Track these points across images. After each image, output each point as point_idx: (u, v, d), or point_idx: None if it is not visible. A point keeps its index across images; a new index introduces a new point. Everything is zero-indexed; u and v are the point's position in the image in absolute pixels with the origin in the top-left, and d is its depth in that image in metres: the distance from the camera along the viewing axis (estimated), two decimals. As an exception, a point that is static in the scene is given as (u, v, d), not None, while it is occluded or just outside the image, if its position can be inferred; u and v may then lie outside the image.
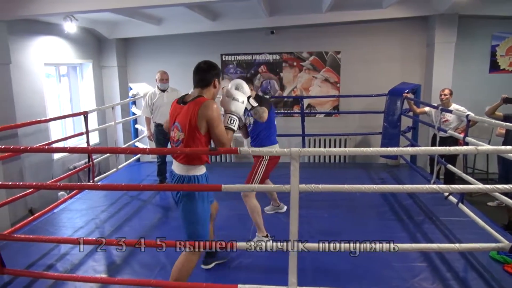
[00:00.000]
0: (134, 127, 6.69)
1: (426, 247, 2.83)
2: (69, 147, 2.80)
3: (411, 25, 6.91)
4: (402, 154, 5.78)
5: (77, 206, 4.50)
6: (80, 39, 6.79)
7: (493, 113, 4.91)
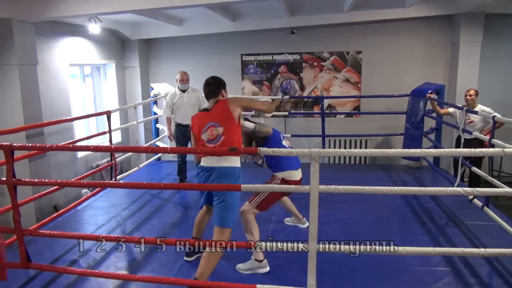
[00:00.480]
0: (155, 127, 6.78)
1: (450, 251, 2.76)
2: (92, 145, 2.86)
3: (434, 24, 6.76)
4: (425, 156, 5.66)
5: (100, 203, 4.59)
6: (104, 40, 6.93)
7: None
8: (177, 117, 5.10)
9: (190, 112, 5.05)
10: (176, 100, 5.06)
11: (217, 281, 2.55)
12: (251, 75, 7.49)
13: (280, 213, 4.15)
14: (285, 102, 7.36)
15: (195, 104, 5.13)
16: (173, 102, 5.08)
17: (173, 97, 5.09)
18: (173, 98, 5.08)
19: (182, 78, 5.05)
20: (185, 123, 5.04)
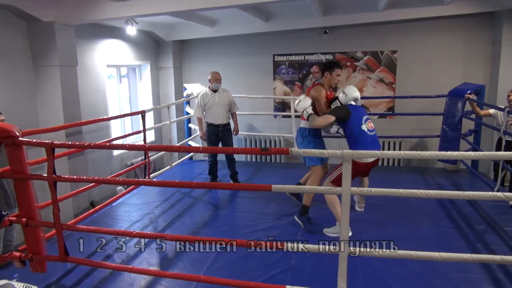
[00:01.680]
0: (188, 126, 6.89)
1: (488, 259, 2.64)
2: (128, 144, 2.95)
3: (474, 22, 6.50)
4: (463, 159, 5.45)
5: (134, 200, 4.72)
6: (140, 42, 7.12)
7: None
8: (208, 117, 5.12)
9: (222, 112, 5.10)
10: (208, 100, 5.07)
11: (247, 281, 2.57)
12: (283, 75, 7.47)
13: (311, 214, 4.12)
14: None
15: (226, 104, 5.14)
16: (205, 102, 5.09)
17: (204, 97, 5.11)
18: (205, 98, 5.10)
19: (217, 78, 5.05)
20: (217, 122, 5.08)
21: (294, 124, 6.34)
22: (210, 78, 5.07)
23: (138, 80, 7.56)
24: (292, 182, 4.31)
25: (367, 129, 3.49)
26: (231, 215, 4.31)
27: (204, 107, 5.11)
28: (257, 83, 7.53)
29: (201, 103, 5.11)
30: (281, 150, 3.21)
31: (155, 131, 7.59)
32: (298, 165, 6.85)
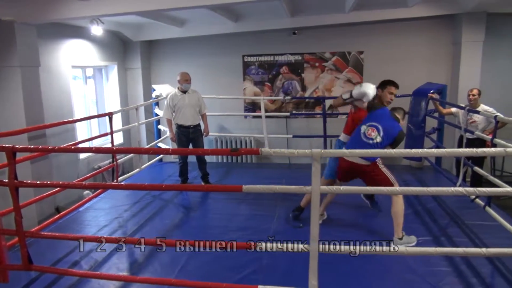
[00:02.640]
0: (157, 128, 6.80)
1: (451, 251, 2.75)
2: (94, 147, 2.87)
3: (436, 24, 6.75)
4: (427, 156, 5.65)
5: (101, 205, 4.60)
6: (106, 42, 6.95)
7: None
8: (178, 119, 5.06)
9: (192, 113, 5.05)
10: (177, 102, 5.01)
11: (219, 282, 2.56)
12: (252, 76, 7.49)
13: (282, 213, 4.15)
14: (286, 103, 7.37)
15: (196, 105, 5.10)
16: (174, 103, 5.02)
17: (174, 98, 5.03)
18: (174, 99, 5.02)
19: (186, 78, 4.98)
20: (187, 124, 5.03)
21: (264, 124, 6.37)
22: (180, 78, 5.00)
23: (105, 81, 7.38)
24: (263, 182, 4.33)
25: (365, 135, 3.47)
26: (202, 216, 4.29)
27: (174, 108, 5.04)
28: (227, 84, 7.51)
29: (170, 105, 5.03)
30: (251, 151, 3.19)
31: (123, 133, 7.44)
32: (269, 165, 6.91)
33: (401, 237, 3.37)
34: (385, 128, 3.43)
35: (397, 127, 3.47)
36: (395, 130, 3.44)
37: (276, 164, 6.87)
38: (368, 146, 3.45)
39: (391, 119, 3.52)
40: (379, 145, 3.42)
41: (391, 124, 3.47)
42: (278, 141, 7.07)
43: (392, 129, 3.44)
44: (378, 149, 3.38)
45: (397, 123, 3.52)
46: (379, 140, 3.42)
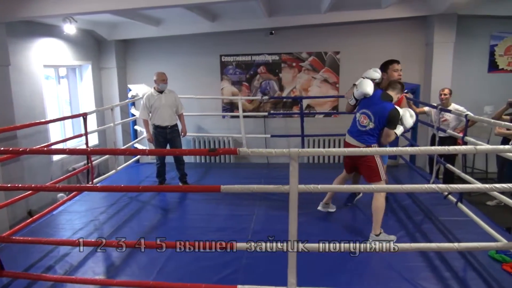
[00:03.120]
0: (133, 128, 6.70)
1: (425, 247, 2.83)
2: (68, 148, 2.81)
3: (410, 25, 6.91)
4: (401, 154, 5.78)
5: (76, 207, 4.50)
6: (79, 41, 6.79)
7: (500, 117, 4.94)
8: (155, 119, 5.00)
9: (169, 113, 5.01)
10: (154, 102, 4.94)
11: (198, 283, 2.54)
12: (230, 75, 7.48)
13: (261, 213, 4.17)
14: (264, 102, 7.39)
15: (173, 105, 5.06)
16: (151, 103, 4.95)
17: (150, 99, 4.96)
18: (150, 100, 4.95)
19: (163, 78, 4.92)
20: (164, 124, 4.99)
21: (242, 124, 6.37)
22: (156, 78, 4.94)
23: (79, 81, 7.21)
24: (241, 182, 4.33)
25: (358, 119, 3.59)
26: (180, 217, 4.26)
27: (150, 109, 4.97)
28: (205, 84, 7.47)
29: (147, 105, 4.97)
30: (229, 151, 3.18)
31: (98, 134, 7.28)
32: (248, 165, 6.91)
33: (378, 234, 3.43)
34: (375, 112, 3.46)
35: (387, 108, 3.43)
36: (385, 111, 3.42)
37: (254, 164, 6.88)
38: (365, 133, 3.51)
39: (380, 101, 3.49)
40: (374, 130, 3.48)
41: (380, 106, 3.46)
42: (256, 141, 7.09)
43: (382, 111, 3.43)
44: (374, 134, 3.48)
45: (388, 103, 3.49)
46: (372, 126, 3.48)
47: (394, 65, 3.85)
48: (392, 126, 3.43)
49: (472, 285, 2.78)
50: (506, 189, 2.24)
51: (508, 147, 2.28)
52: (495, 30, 6.82)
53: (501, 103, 5.14)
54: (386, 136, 3.46)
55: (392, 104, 3.48)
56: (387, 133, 3.44)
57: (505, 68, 6.94)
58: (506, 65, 6.93)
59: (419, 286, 2.77)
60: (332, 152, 4.18)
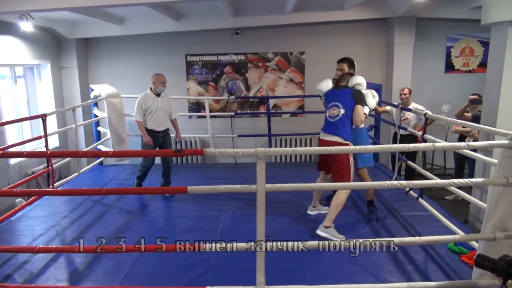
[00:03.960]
0: (97, 130, 6.50)
1: (388, 241, 2.91)
2: (26, 151, 2.68)
3: (371, 27, 7.11)
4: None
5: (36, 213, 4.32)
6: (37, 39, 6.51)
7: (462, 114, 5.17)
8: (149, 123, 4.66)
9: (164, 118, 4.74)
10: (151, 105, 4.60)
11: (166, 286, 2.51)
12: (196, 75, 7.41)
13: (229, 213, 4.16)
14: (231, 102, 7.38)
15: (168, 109, 4.82)
16: (147, 106, 4.59)
17: (146, 101, 4.60)
18: (147, 102, 4.60)
19: (163, 81, 4.64)
20: (158, 129, 4.72)
21: (209, 124, 6.34)
22: (155, 80, 4.63)
23: (37, 81, 6.91)
24: (209, 183, 4.31)
25: (328, 115, 3.74)
26: (147, 220, 4.18)
27: (145, 111, 4.61)
28: (170, 84, 7.21)
29: (143, 107, 4.60)
30: (195, 151, 3.15)
31: (59, 136, 7.01)
32: (215, 165, 6.88)
33: (327, 226, 3.52)
34: (341, 99, 3.68)
35: (349, 90, 3.68)
36: (349, 92, 3.65)
37: (222, 164, 6.86)
38: (337, 123, 3.63)
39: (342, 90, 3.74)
40: (346, 115, 3.63)
41: (344, 92, 3.70)
42: (223, 140, 7.06)
43: (346, 94, 3.66)
44: (346, 121, 3.62)
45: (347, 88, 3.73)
46: (343, 111, 3.63)
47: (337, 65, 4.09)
48: (359, 101, 3.62)
49: (433, 276, 2.90)
50: (463, 184, 2.36)
51: (464, 144, 2.39)
52: (451, 33, 7.15)
53: (457, 102, 5.40)
54: (356, 114, 3.60)
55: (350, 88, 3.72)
56: (357, 110, 3.60)
57: (461, 69, 7.28)
58: (462, 65, 7.27)
59: (384, 279, 2.86)
60: (298, 151, 4.25)
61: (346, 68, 4.02)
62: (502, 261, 1.81)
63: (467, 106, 5.21)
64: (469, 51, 7.20)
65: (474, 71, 7.24)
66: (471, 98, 5.17)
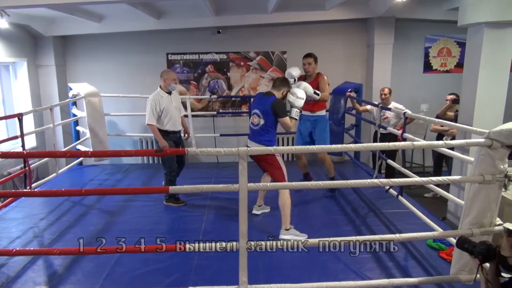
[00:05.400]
0: (75, 129, 6.37)
1: (369, 239, 2.96)
2: (1, 152, 2.61)
3: (352, 27, 7.19)
4: (346, 151, 6.01)
5: (13, 215, 4.21)
6: (13, 36, 6.33)
7: (445, 114, 5.29)
8: (167, 124, 4.35)
9: (178, 116, 4.52)
10: (165, 104, 4.27)
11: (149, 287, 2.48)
12: (178, 74, 7.34)
13: (211, 213, 4.14)
14: (213, 101, 7.35)
15: (179, 106, 4.57)
16: (162, 106, 4.25)
17: (160, 101, 4.25)
18: (161, 102, 4.25)
19: (174, 77, 4.36)
20: (177, 129, 4.49)
21: (191, 123, 6.29)
22: (166, 77, 4.33)
23: (13, 80, 6.73)
24: (191, 182, 4.28)
25: (251, 122, 3.80)
26: (128, 221, 4.11)
27: (161, 113, 4.27)
28: (151, 82, 7.22)
29: (157, 108, 4.24)
30: (177, 151, 3.13)
31: (36, 136, 6.84)
32: (197, 165, 6.83)
33: (288, 229, 3.52)
34: (261, 109, 3.69)
35: (269, 100, 3.65)
36: (268, 104, 3.63)
37: (204, 164, 6.82)
38: (258, 131, 3.73)
39: (263, 98, 3.73)
40: (266, 126, 3.69)
41: (264, 101, 3.69)
42: (205, 140, 7.03)
43: (266, 105, 3.65)
44: (267, 129, 3.70)
45: (270, 97, 3.69)
46: (262, 122, 3.69)
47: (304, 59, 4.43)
48: (281, 114, 3.64)
49: (412, 272, 2.96)
50: (441, 182, 2.41)
51: (441, 142, 2.45)
52: (429, 33, 7.30)
53: (435, 101, 5.52)
54: (283, 124, 3.71)
55: (274, 97, 3.69)
56: (281, 122, 3.68)
57: (439, 69, 7.44)
58: (439, 66, 7.43)
59: (365, 276, 2.90)
60: (280, 150, 4.26)
61: (313, 63, 4.31)
62: (482, 244, 1.95)
63: (448, 106, 5.34)
64: (446, 51, 7.36)
65: (451, 71, 7.41)
66: (452, 98, 5.30)
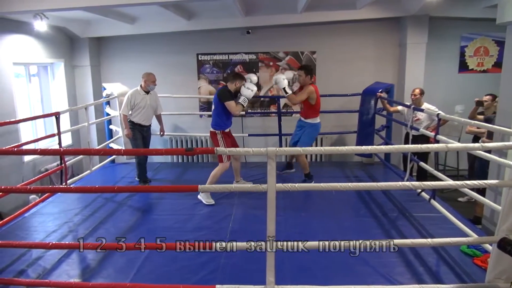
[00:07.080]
0: (109, 128, 6.56)
1: (400, 243, 2.89)
2: (40, 149, 2.72)
3: (384, 26, 7.05)
4: (377, 153, 5.89)
5: (49, 209, 4.38)
6: (51, 38, 6.60)
7: (474, 116, 5.13)
8: (137, 117, 5.05)
9: (151, 114, 5.21)
10: (140, 101, 5.00)
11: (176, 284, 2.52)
12: (207, 74, 7.44)
13: (239, 212, 4.17)
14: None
15: (155, 106, 5.23)
16: (136, 102, 4.99)
17: (136, 97, 5.00)
18: (137, 98, 4.99)
19: (154, 80, 5.03)
20: (145, 124, 5.14)
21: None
22: (146, 79, 5.00)
23: (51, 79, 7.01)
24: (219, 182, 4.32)
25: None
26: (158, 218, 4.20)
27: (134, 106, 5.00)
28: (182, 83, 7.40)
29: (132, 102, 4.98)
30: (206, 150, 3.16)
31: (72, 134, 7.10)
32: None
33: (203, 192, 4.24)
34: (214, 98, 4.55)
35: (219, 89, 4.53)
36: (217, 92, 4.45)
37: (232, 163, 6.86)
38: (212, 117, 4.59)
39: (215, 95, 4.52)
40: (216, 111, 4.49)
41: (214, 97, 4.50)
42: (233, 140, 7.07)
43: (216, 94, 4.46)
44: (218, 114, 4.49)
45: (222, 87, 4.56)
46: (213, 107, 4.50)
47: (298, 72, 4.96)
48: (223, 99, 4.35)
49: (444, 279, 2.87)
50: (476, 185, 2.32)
51: (477, 145, 2.35)
52: (465, 32, 7.05)
53: (471, 102, 5.32)
54: (228, 107, 4.35)
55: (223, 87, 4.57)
56: (226, 105, 4.35)
57: (475, 69, 7.18)
58: (476, 65, 7.16)
59: (395, 281, 2.83)
60: (309, 151, 4.23)
61: (303, 75, 4.82)
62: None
63: (476, 109, 5.19)
64: (483, 50, 7.09)
65: (489, 71, 7.13)
66: (476, 100, 5.16)
